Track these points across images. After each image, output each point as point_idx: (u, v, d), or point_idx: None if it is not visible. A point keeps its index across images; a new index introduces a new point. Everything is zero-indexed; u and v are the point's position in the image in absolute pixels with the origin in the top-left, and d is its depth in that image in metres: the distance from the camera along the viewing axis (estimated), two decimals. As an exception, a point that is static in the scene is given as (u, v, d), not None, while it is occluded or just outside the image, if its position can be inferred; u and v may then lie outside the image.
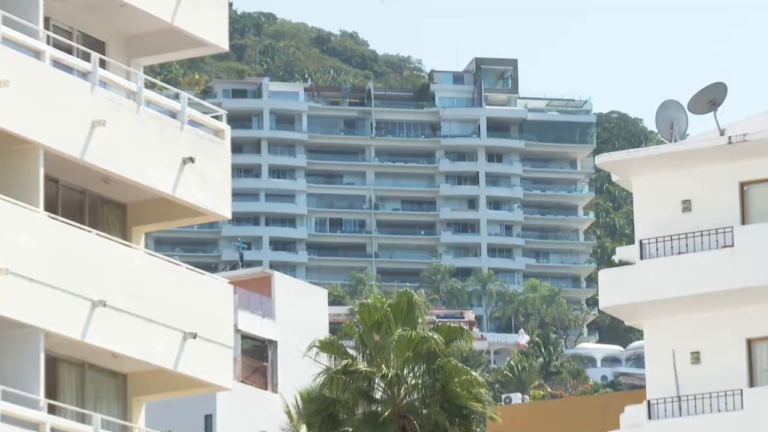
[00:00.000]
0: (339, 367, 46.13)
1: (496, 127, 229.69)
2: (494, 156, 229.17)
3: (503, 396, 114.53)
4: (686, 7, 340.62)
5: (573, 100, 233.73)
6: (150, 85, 38.20)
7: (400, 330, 46.07)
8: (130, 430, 37.09)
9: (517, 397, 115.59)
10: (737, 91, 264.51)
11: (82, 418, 35.78)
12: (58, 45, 36.22)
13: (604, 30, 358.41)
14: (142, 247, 38.36)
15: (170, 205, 38.36)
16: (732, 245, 52.76)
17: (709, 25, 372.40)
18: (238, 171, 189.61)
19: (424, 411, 45.49)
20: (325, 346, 47.91)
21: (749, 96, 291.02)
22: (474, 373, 49.17)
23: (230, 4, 36.22)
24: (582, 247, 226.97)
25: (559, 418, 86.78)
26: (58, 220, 35.55)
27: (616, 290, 55.51)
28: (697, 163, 54.12)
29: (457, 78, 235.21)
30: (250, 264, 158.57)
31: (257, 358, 75.82)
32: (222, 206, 39.52)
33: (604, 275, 57.31)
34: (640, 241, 54.69)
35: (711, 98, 54.73)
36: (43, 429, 34.31)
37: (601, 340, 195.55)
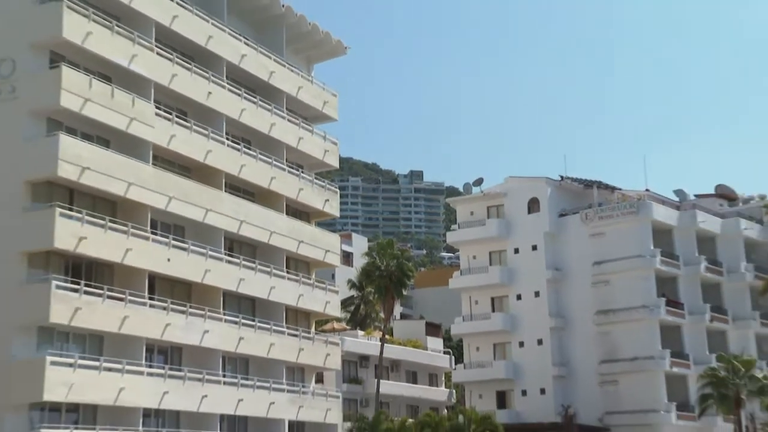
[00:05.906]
0: (372, 260, 44.24)
1: (420, 191, 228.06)
2: (419, 199, 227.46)
3: (419, 269, 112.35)
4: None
5: (442, 183, 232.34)
6: (318, 179, 36.70)
7: (390, 250, 44.49)
8: (312, 278, 35.60)
9: (422, 270, 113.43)
10: (506, 167, 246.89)
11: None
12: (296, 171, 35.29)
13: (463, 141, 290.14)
14: (313, 225, 37.11)
15: (321, 212, 37.15)
16: (484, 224, 51.28)
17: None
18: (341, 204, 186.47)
19: (398, 272, 43.38)
20: (367, 254, 46.41)
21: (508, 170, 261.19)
22: (410, 263, 47.11)
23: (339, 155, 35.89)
24: (441, 225, 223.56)
25: (436, 275, 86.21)
26: (291, 217, 34.63)
27: (454, 237, 53.72)
28: (474, 202, 52.54)
29: (407, 176, 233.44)
30: (344, 230, 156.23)
31: (346, 257, 74.85)
32: (335, 211, 38.43)
33: (450, 233, 55.69)
34: (458, 224, 53.25)
35: (478, 181, 53.61)
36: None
37: (448, 252, 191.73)
